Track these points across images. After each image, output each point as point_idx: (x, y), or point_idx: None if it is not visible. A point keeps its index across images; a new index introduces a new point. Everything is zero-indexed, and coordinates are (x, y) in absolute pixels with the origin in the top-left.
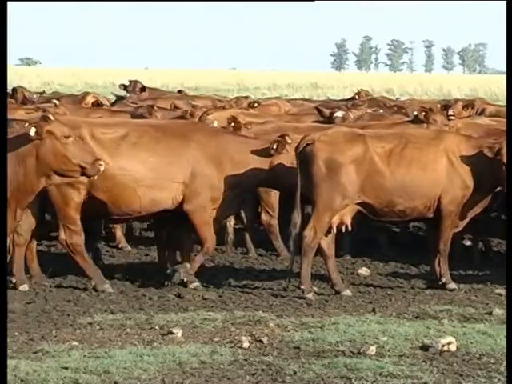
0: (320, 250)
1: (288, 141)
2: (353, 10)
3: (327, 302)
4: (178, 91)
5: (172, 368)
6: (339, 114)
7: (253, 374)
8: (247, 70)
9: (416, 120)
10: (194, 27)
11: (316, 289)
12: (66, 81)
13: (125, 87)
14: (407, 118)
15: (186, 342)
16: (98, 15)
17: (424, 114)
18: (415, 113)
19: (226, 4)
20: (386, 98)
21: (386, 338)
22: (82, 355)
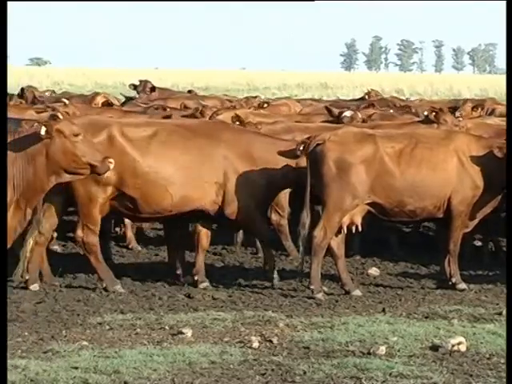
0: (330, 250)
1: None
2: (363, 10)
3: (337, 302)
4: (188, 91)
5: (182, 368)
6: (347, 114)
7: (262, 373)
8: (257, 70)
9: (426, 120)
10: (204, 27)
11: (326, 289)
12: (76, 81)
13: (135, 87)
14: (417, 118)
15: (196, 342)
16: (108, 15)
17: (434, 114)
18: (425, 113)
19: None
20: (397, 99)
21: (395, 338)
22: (92, 355)
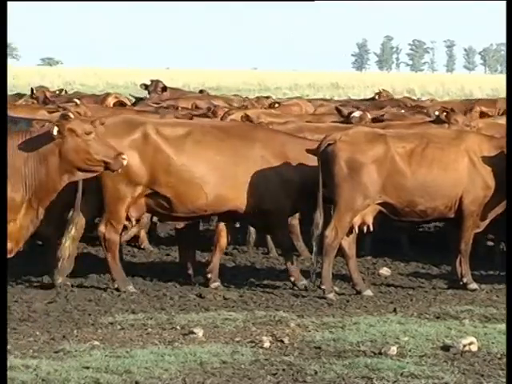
0: (341, 250)
1: None
2: (374, 10)
3: (348, 302)
4: (199, 91)
5: (193, 368)
6: (356, 114)
7: (274, 373)
8: (268, 70)
9: (437, 120)
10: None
11: (337, 289)
12: (88, 81)
13: (146, 87)
14: (429, 118)
15: (207, 342)
16: (120, 16)
17: (445, 114)
18: (437, 113)
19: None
20: (409, 99)
21: (407, 338)
22: (104, 355)
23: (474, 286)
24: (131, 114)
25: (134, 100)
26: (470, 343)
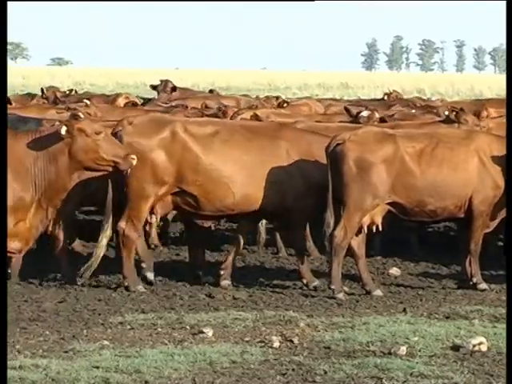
0: (350, 249)
1: None
2: (384, 10)
3: (358, 301)
4: (209, 91)
5: (203, 367)
6: (364, 114)
7: (283, 373)
8: (278, 70)
9: (447, 120)
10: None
11: (346, 289)
12: (98, 81)
13: (155, 88)
14: (438, 118)
15: (217, 342)
16: (130, 16)
17: (455, 114)
18: (446, 112)
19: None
20: (420, 99)
21: (416, 338)
22: (113, 354)
23: (483, 285)
24: (141, 113)
25: (141, 101)
26: (480, 343)
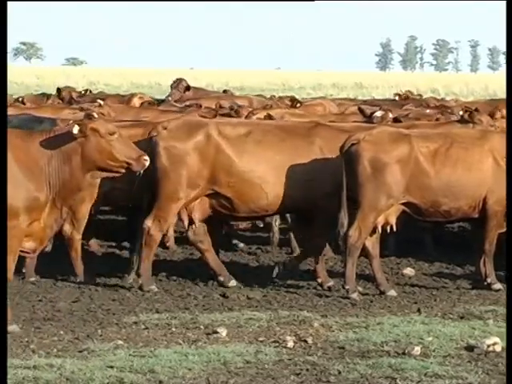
0: (365, 249)
1: None
2: (398, 10)
3: (372, 302)
4: (223, 91)
5: (217, 367)
6: (378, 114)
7: (297, 373)
8: (292, 70)
9: (462, 120)
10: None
11: (361, 289)
12: (112, 81)
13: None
14: (453, 118)
15: (231, 342)
16: (144, 16)
17: (469, 114)
18: (461, 113)
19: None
20: (434, 99)
21: (430, 339)
22: (128, 354)
23: (498, 286)
24: (156, 114)
25: (156, 102)
26: (494, 343)
